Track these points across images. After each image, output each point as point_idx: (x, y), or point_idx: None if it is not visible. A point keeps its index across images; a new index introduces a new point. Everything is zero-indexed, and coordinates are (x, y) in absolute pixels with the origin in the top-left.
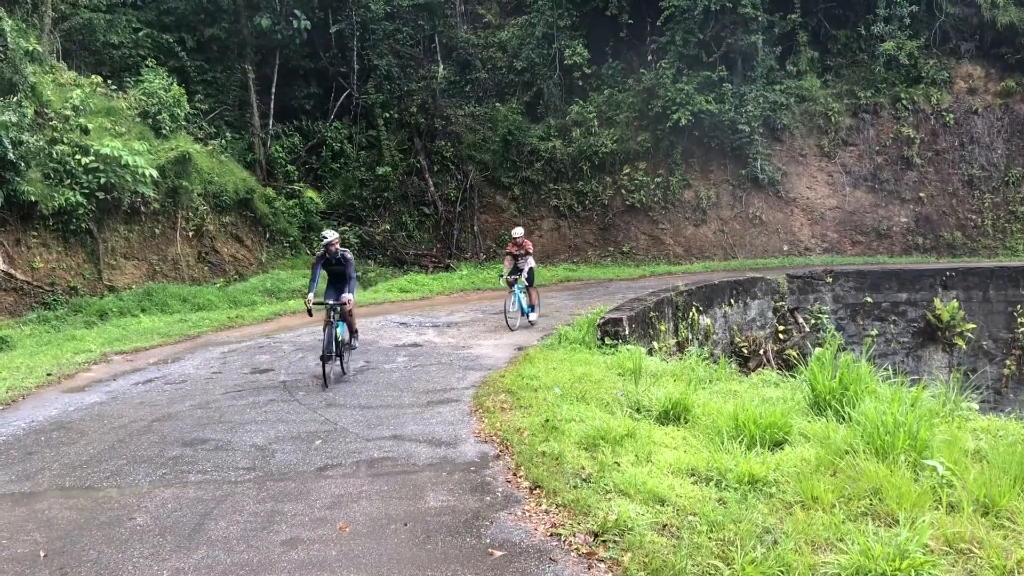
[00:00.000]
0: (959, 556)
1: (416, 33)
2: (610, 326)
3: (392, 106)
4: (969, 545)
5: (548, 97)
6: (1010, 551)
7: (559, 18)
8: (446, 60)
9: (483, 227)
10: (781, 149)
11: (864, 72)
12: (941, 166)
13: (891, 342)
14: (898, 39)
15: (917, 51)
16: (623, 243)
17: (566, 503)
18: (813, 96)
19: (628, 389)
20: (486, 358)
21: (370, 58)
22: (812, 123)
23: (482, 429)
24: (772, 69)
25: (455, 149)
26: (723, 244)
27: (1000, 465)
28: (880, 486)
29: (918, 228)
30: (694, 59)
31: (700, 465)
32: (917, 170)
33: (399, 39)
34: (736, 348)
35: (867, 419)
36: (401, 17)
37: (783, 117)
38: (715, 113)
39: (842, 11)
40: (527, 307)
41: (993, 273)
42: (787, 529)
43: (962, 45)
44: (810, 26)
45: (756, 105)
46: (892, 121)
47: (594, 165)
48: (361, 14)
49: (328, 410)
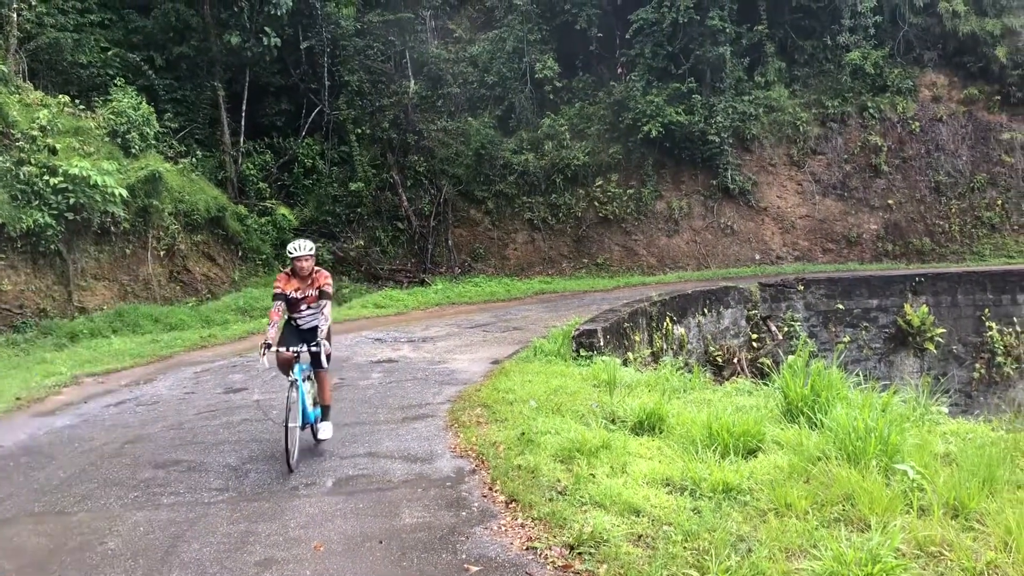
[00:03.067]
0: (930, 559)
1: (387, 49)
2: (585, 338)
3: (364, 122)
4: (939, 548)
5: (520, 111)
6: (979, 553)
7: (529, 32)
8: (417, 75)
9: (458, 241)
10: (751, 159)
11: (831, 82)
12: (908, 173)
13: (863, 348)
14: (863, 49)
15: (882, 60)
16: (597, 255)
17: (542, 516)
18: (781, 106)
19: (603, 400)
20: (462, 372)
21: (341, 74)
22: (781, 133)
23: (458, 444)
24: (740, 80)
25: (428, 164)
26: (696, 254)
27: (969, 468)
28: (852, 491)
29: (887, 235)
30: (663, 71)
31: (675, 475)
32: (885, 177)
33: (370, 55)
34: (710, 357)
35: (839, 425)
36: (371, 33)
37: (752, 127)
38: (685, 124)
39: (808, 22)
40: (312, 412)
41: (961, 278)
42: (761, 537)
43: (925, 54)
44: (777, 37)
45: (725, 116)
46: (859, 129)
47: (567, 178)
48: (331, 30)
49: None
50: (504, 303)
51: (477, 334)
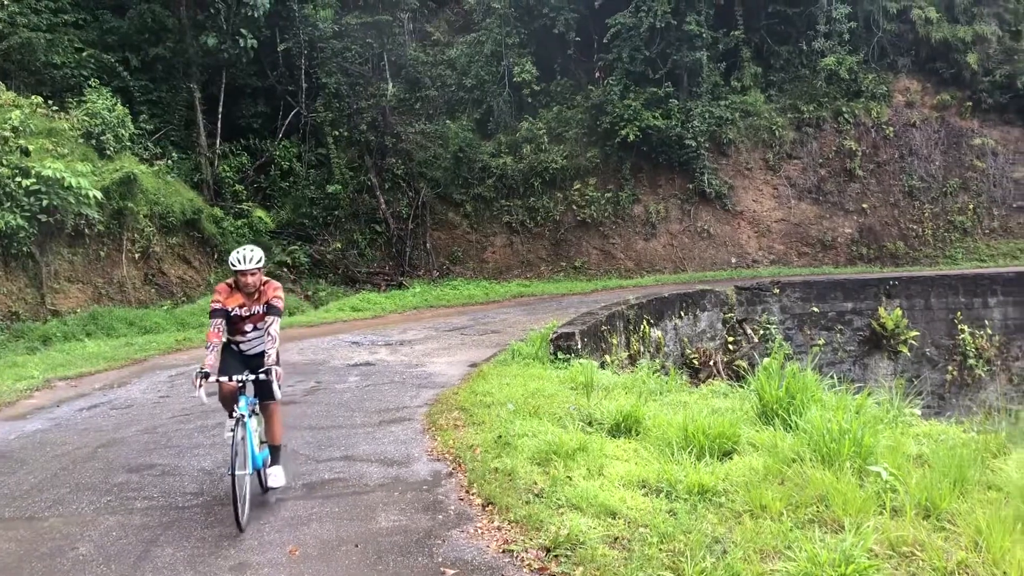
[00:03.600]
0: (902, 559)
1: (365, 51)
2: (563, 340)
3: (341, 124)
4: (912, 548)
5: (498, 114)
6: (951, 552)
7: (507, 36)
8: (395, 78)
9: (436, 244)
10: (727, 163)
11: (806, 87)
12: (882, 178)
13: (838, 351)
14: (838, 54)
15: (857, 66)
16: (575, 258)
17: (518, 519)
18: (757, 111)
19: (580, 403)
20: (439, 375)
21: (318, 76)
22: (757, 137)
23: (435, 447)
24: (717, 85)
25: (406, 166)
26: (673, 257)
27: (941, 469)
28: (826, 493)
29: (862, 239)
30: (641, 76)
31: (651, 477)
32: (859, 182)
33: (347, 57)
34: (687, 360)
35: (813, 427)
36: (349, 35)
37: (728, 132)
38: (662, 129)
39: (784, 27)
40: (259, 454)
41: (934, 281)
42: (736, 538)
43: (899, 60)
44: (753, 42)
45: (702, 120)
46: (834, 134)
47: (545, 181)
48: (309, 32)
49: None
50: (482, 306)
51: (455, 337)
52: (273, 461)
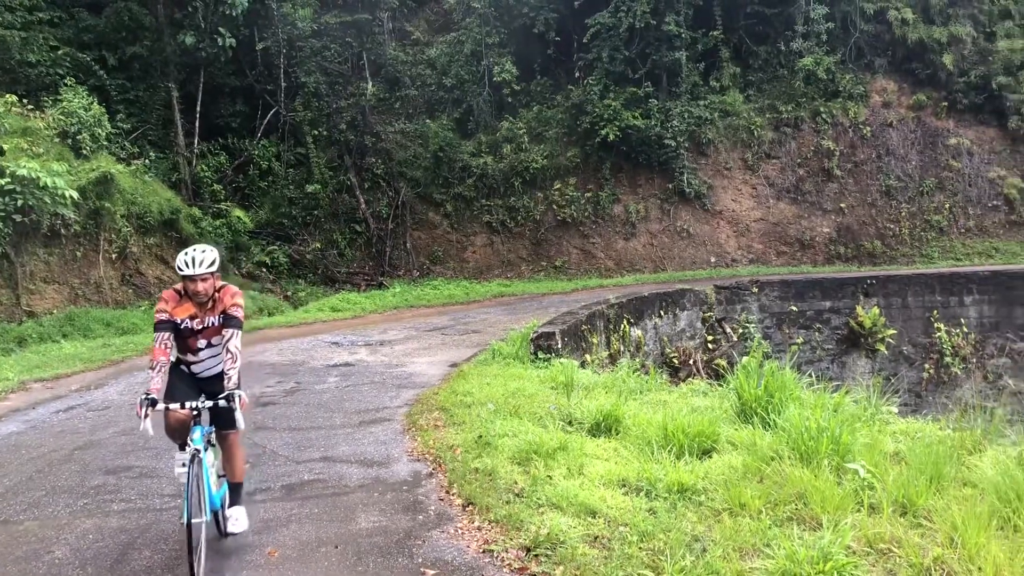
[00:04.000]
0: (879, 556)
1: (344, 50)
2: (543, 340)
3: (321, 123)
4: (889, 545)
5: (478, 113)
6: (927, 549)
7: (487, 35)
8: (375, 77)
9: (416, 244)
10: (707, 163)
11: (784, 87)
12: (860, 177)
13: (816, 349)
14: (816, 55)
15: (834, 66)
16: (555, 258)
17: (499, 519)
18: (736, 111)
19: (561, 402)
20: (419, 375)
21: (297, 75)
22: (736, 137)
23: (415, 447)
24: (696, 85)
25: (386, 166)
26: (652, 257)
27: (917, 466)
28: (805, 491)
29: (840, 238)
30: (620, 75)
31: (631, 476)
32: (837, 181)
33: (327, 56)
34: (667, 359)
35: (792, 425)
36: (328, 34)
37: (708, 132)
38: (642, 128)
39: (762, 28)
40: (216, 494)
41: (911, 280)
42: (715, 536)
43: (876, 60)
44: (732, 43)
45: (681, 120)
46: (812, 134)
47: (525, 181)
48: (288, 31)
49: (256, 433)
50: (463, 306)
51: (435, 337)
52: (233, 501)
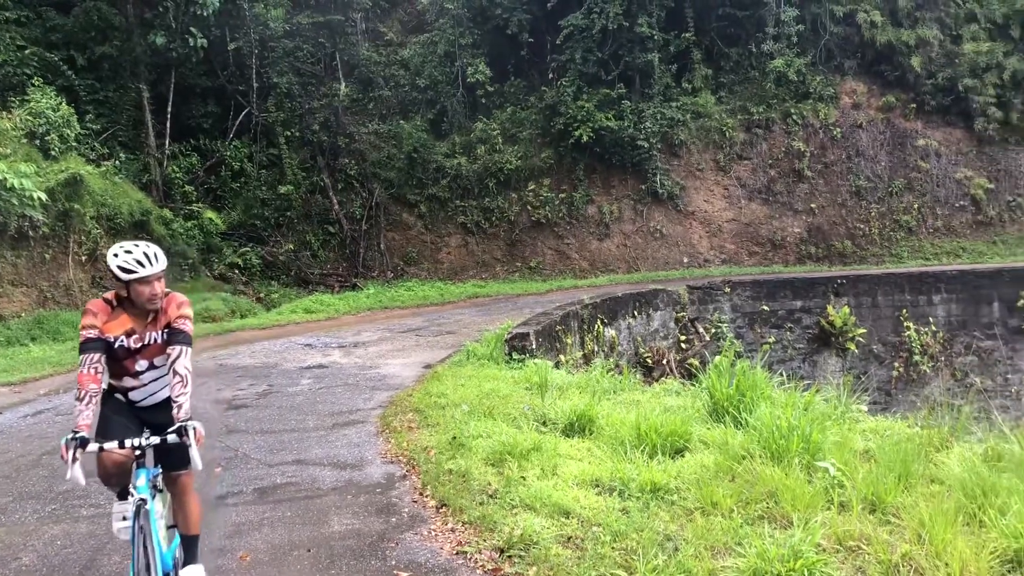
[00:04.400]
0: (849, 553)
1: (317, 51)
2: (517, 341)
3: (293, 124)
4: (858, 542)
5: (452, 114)
6: (895, 546)
7: (460, 36)
8: (348, 78)
9: (390, 245)
10: (679, 164)
11: (756, 88)
12: (830, 178)
13: (788, 348)
14: (787, 57)
15: (805, 68)
16: (530, 258)
17: (472, 520)
18: (708, 112)
19: (535, 403)
20: (393, 377)
21: (270, 76)
22: (708, 138)
23: (388, 450)
24: (668, 86)
25: (359, 167)
26: (626, 257)
27: (886, 464)
28: (776, 489)
29: (810, 238)
30: (594, 77)
31: (604, 476)
32: (808, 182)
33: (299, 57)
34: (640, 359)
35: (763, 424)
36: (301, 35)
37: (680, 133)
38: (615, 130)
39: (733, 30)
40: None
41: (881, 280)
42: (687, 535)
43: (846, 62)
44: (704, 44)
45: (654, 122)
46: (783, 135)
47: (499, 181)
48: (260, 32)
49: (229, 436)
50: (437, 307)
51: (410, 338)
52: (189, 559)
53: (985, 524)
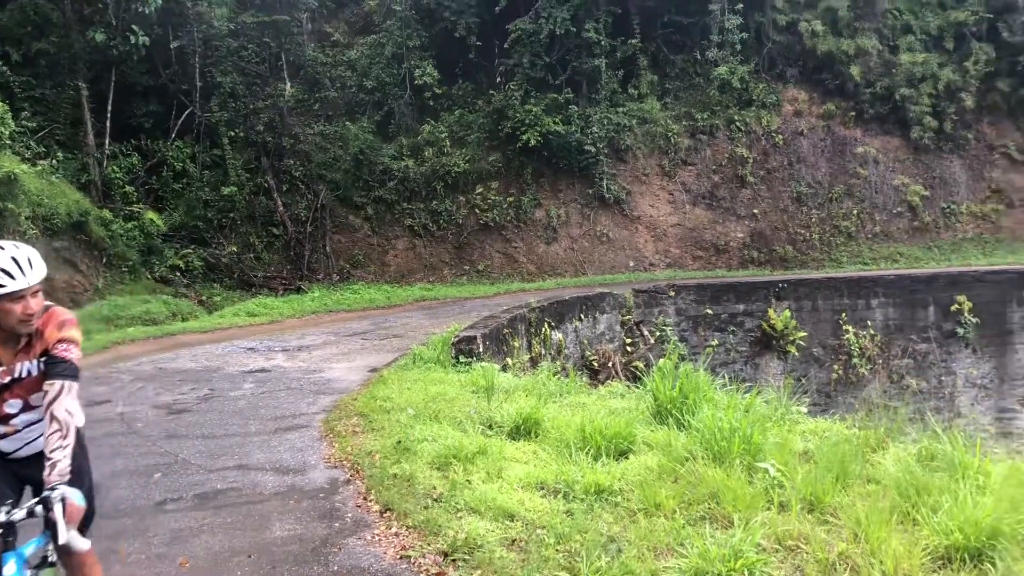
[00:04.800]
0: (788, 552)
1: (262, 50)
2: (464, 344)
3: (237, 124)
4: (797, 541)
5: (399, 116)
6: (832, 544)
7: (408, 38)
8: (293, 78)
9: (336, 248)
10: (625, 169)
11: (700, 95)
12: (772, 184)
13: (731, 351)
14: (731, 64)
15: (748, 76)
16: (478, 261)
17: (416, 524)
18: (654, 118)
19: (481, 406)
20: (338, 381)
21: (213, 75)
22: (654, 144)
23: (332, 454)
24: (615, 92)
25: (305, 168)
26: (573, 261)
27: (825, 464)
28: (717, 490)
29: (753, 243)
30: (541, 81)
31: (549, 478)
32: (751, 188)
33: (244, 56)
34: (587, 361)
35: (705, 426)
36: (246, 34)
37: (627, 138)
38: (563, 134)
39: (679, 37)
40: None
41: (821, 284)
42: (631, 537)
43: (788, 71)
44: (650, 51)
45: (601, 127)
46: (727, 142)
47: (447, 184)
48: (204, 31)
49: (168, 441)
50: (384, 310)
51: (355, 342)
52: None
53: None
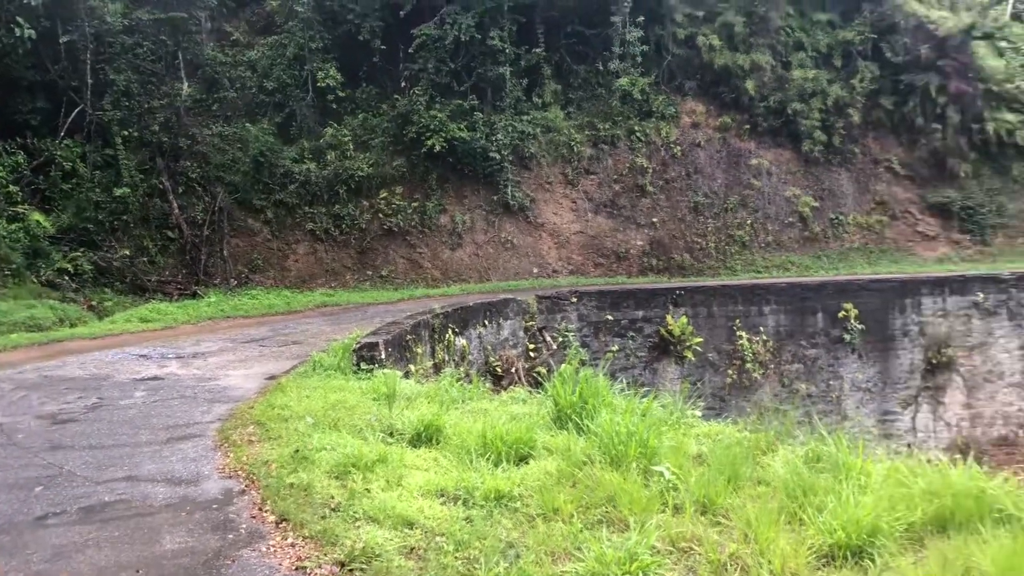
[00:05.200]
0: (682, 554)
1: (158, 48)
2: (366, 351)
3: (132, 124)
4: (690, 543)
5: (301, 119)
6: (724, 545)
7: (311, 40)
8: (191, 77)
9: (234, 252)
10: (530, 176)
11: (602, 105)
12: (671, 194)
13: (630, 356)
14: (632, 76)
15: (648, 87)
16: (381, 267)
17: (313, 534)
18: (557, 127)
19: (382, 414)
20: (235, 389)
21: (106, 72)
22: (557, 152)
23: (227, 464)
24: (520, 100)
25: (202, 170)
26: (478, 267)
27: (717, 467)
28: (615, 493)
29: (652, 251)
30: (446, 87)
31: (449, 485)
32: (650, 197)
33: (139, 54)
34: (490, 367)
35: (603, 430)
36: (141, 31)
37: (531, 146)
38: (467, 140)
39: (582, 48)
40: None
41: (716, 291)
42: (529, 542)
43: (686, 83)
44: (553, 60)
45: (506, 134)
46: (628, 152)
47: (351, 189)
48: (96, 26)
49: (52, 453)
50: (284, 316)
51: (253, 349)
52: None
53: (804, 522)
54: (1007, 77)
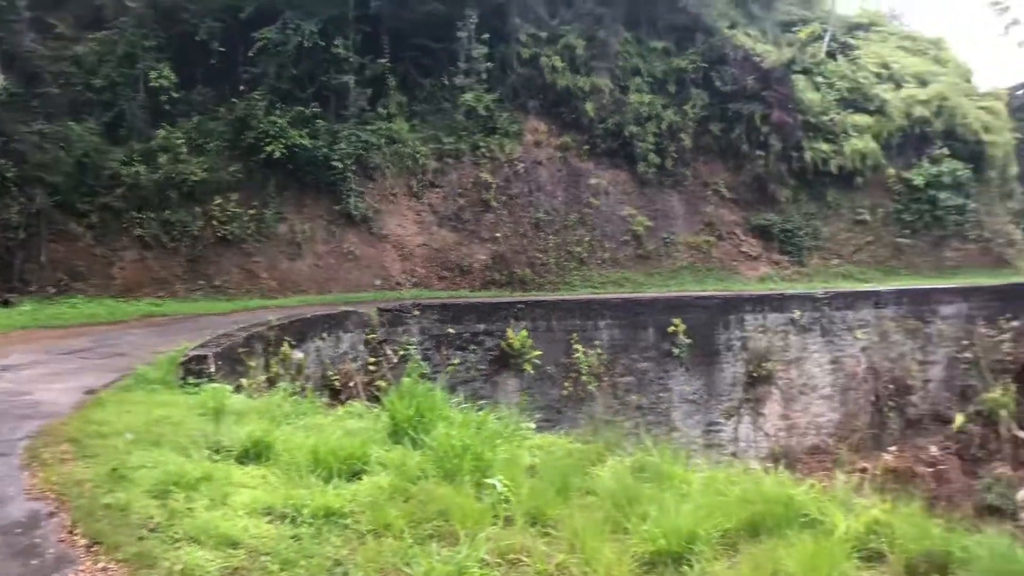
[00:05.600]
0: (511, 566)
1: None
2: (194, 364)
3: None
4: (519, 555)
5: (131, 119)
6: (552, 556)
7: (143, 38)
8: (8, 71)
9: (53, 258)
10: (374, 187)
11: (448, 119)
12: (514, 209)
13: (471, 369)
14: (477, 92)
15: (493, 104)
16: (214, 276)
17: (128, 557)
18: (402, 139)
19: (208, 429)
20: (48, 404)
21: None
22: (402, 164)
23: (35, 484)
24: (364, 110)
25: (19, 169)
26: (318, 278)
27: (548, 478)
28: (447, 507)
29: (495, 265)
30: (288, 93)
31: (277, 502)
32: (494, 212)
33: None
34: (328, 381)
35: (439, 444)
36: None
37: (375, 157)
38: (309, 148)
39: (428, 61)
40: None
41: (555, 305)
42: (358, 559)
43: (530, 102)
44: (399, 72)
45: (349, 143)
46: (472, 167)
47: (183, 194)
48: None
49: None
50: (107, 327)
51: (72, 361)
52: None
53: (628, 531)
54: (823, 109)
